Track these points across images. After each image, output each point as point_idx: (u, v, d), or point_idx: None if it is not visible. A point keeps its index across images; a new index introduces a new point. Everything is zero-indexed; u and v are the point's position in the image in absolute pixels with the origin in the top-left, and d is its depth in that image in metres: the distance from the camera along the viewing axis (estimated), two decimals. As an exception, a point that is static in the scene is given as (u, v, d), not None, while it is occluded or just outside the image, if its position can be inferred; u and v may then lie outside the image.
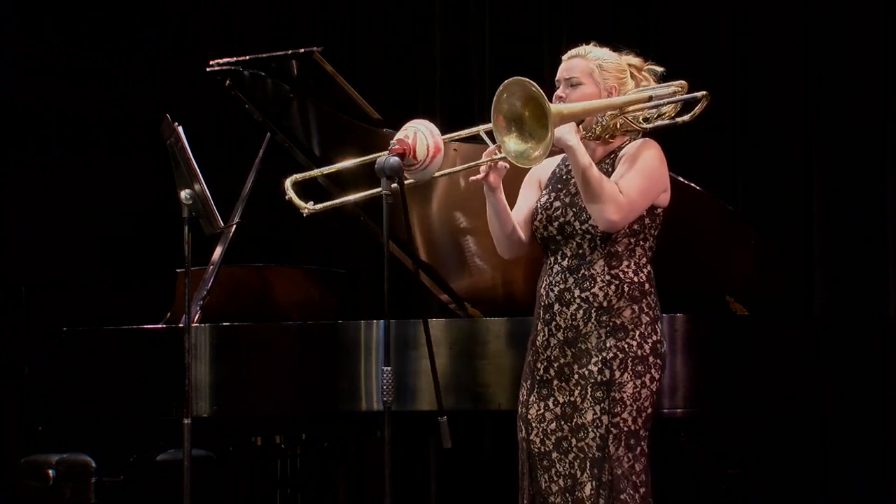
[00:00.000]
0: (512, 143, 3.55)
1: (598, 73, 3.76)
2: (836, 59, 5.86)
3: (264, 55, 5.20)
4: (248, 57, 5.19)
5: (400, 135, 3.55)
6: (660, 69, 3.84)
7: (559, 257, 3.75)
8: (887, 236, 5.73)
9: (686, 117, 3.76)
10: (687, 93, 3.76)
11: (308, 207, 3.80)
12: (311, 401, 4.85)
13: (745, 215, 5.70)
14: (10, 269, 6.73)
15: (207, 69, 5.21)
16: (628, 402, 3.65)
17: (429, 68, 6.87)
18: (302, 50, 5.08)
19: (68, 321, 5.28)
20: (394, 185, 3.55)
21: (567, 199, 3.74)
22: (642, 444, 3.68)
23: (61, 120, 6.92)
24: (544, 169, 3.88)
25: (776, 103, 5.99)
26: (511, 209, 3.82)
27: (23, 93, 6.84)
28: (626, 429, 3.64)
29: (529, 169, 3.84)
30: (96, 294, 6.73)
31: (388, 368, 3.45)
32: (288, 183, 3.79)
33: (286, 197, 3.77)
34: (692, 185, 4.80)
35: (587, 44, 3.82)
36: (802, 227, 5.91)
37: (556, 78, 3.80)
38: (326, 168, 3.88)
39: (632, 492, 3.65)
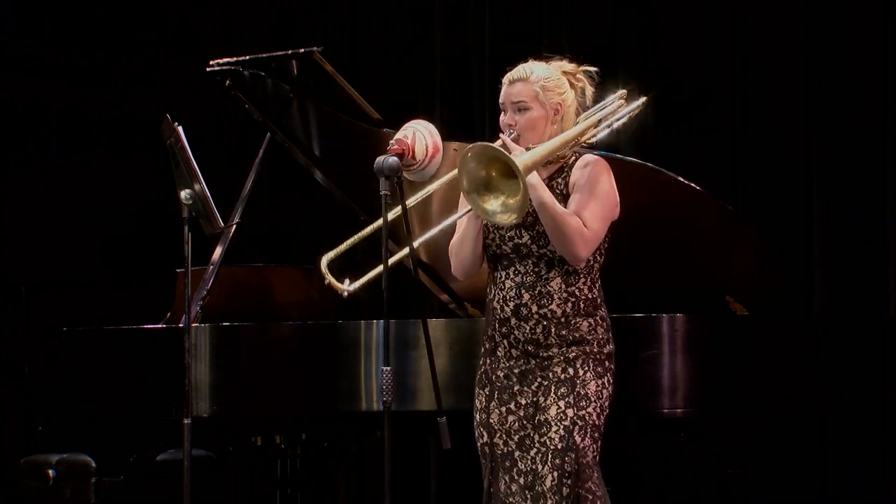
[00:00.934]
0: (489, 203, 3.54)
1: (542, 95, 3.76)
2: (836, 59, 5.86)
3: (264, 55, 5.20)
4: (248, 57, 5.20)
5: (399, 135, 3.55)
6: (593, 69, 3.85)
7: (511, 273, 3.77)
8: (887, 236, 5.73)
9: (624, 119, 3.87)
10: (626, 99, 3.85)
11: (347, 289, 3.79)
12: (311, 401, 4.85)
13: (745, 215, 5.70)
14: (10, 269, 6.73)
15: (207, 69, 5.21)
16: (593, 399, 3.71)
17: (429, 68, 6.87)
18: (302, 50, 5.08)
19: (68, 321, 5.28)
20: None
21: (521, 222, 3.73)
22: (600, 441, 3.73)
23: (61, 120, 6.92)
24: None
25: (776, 103, 5.99)
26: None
27: (23, 93, 6.84)
28: (591, 422, 3.69)
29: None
30: (96, 294, 6.73)
31: (388, 368, 3.46)
32: (324, 264, 3.78)
33: (325, 282, 3.75)
34: (692, 185, 4.80)
35: (524, 62, 3.81)
36: (802, 227, 5.91)
37: (500, 101, 3.80)
38: (351, 239, 3.82)
39: (597, 482, 3.69)
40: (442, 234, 3.93)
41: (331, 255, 3.80)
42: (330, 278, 3.77)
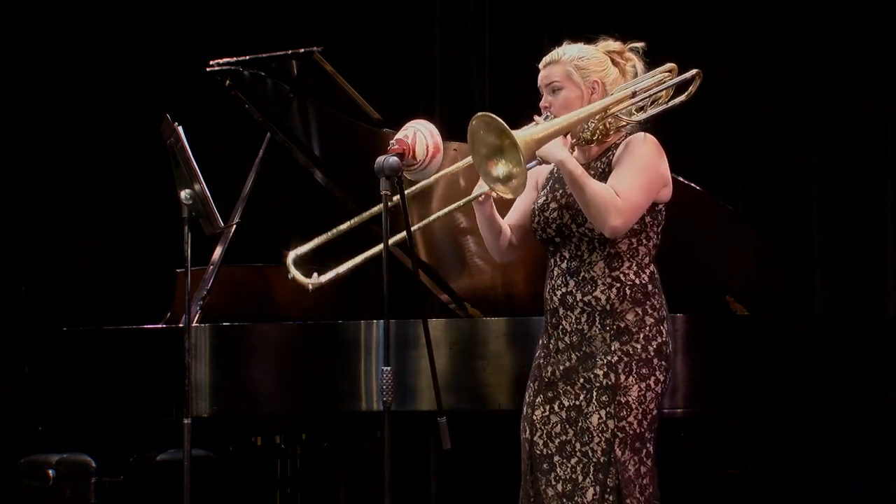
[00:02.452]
0: (497, 171, 3.51)
1: (576, 74, 3.69)
2: (836, 59, 5.86)
3: (264, 55, 5.20)
4: (248, 57, 5.19)
5: (399, 135, 3.53)
6: (640, 44, 3.76)
7: (559, 259, 3.72)
8: (887, 236, 5.73)
9: (682, 97, 3.68)
10: (678, 74, 3.69)
11: (312, 282, 3.73)
12: (311, 401, 4.85)
13: (745, 215, 5.70)
14: (10, 269, 6.73)
15: (207, 69, 5.21)
16: (634, 406, 3.61)
17: (429, 68, 6.87)
18: (302, 50, 5.08)
19: (68, 321, 5.28)
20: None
21: (563, 201, 3.69)
22: (647, 446, 3.65)
23: (61, 120, 6.92)
24: (541, 169, 3.84)
25: (776, 103, 5.99)
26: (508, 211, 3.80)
27: (23, 93, 6.84)
28: (631, 432, 3.60)
29: None
30: (96, 294, 6.72)
31: (388, 368, 3.45)
32: (290, 260, 3.70)
33: (289, 276, 3.68)
34: (692, 185, 4.80)
35: (559, 46, 3.75)
36: (802, 227, 5.91)
37: (538, 85, 3.75)
38: (323, 236, 3.78)
39: (638, 496, 3.61)
40: (442, 234, 3.94)
41: (299, 250, 3.73)
42: (294, 272, 3.69)
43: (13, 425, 6.50)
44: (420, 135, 3.54)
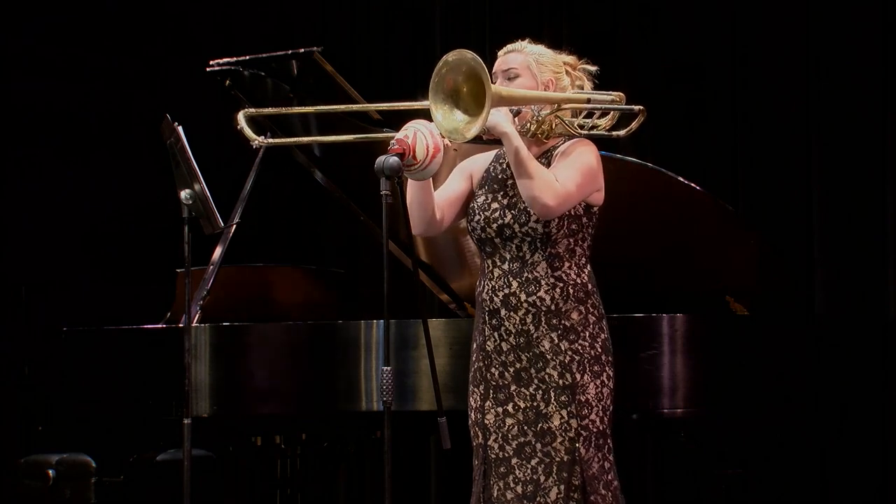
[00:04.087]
0: (447, 116, 3.52)
1: (535, 67, 3.75)
2: (836, 59, 5.86)
3: (264, 55, 5.20)
4: (248, 57, 5.19)
5: (399, 135, 3.53)
6: (593, 68, 3.82)
7: (498, 260, 3.74)
8: (887, 236, 5.73)
9: (622, 132, 3.69)
10: (625, 105, 3.70)
11: (260, 140, 3.84)
12: (311, 401, 4.85)
13: (745, 215, 5.71)
14: (10, 269, 6.73)
15: (207, 69, 5.21)
16: (594, 403, 3.66)
17: (429, 68, 6.86)
18: (302, 50, 5.08)
19: (68, 321, 5.28)
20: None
21: (505, 201, 3.72)
22: (609, 442, 3.70)
23: (61, 120, 6.92)
24: (477, 164, 3.87)
25: (776, 103, 5.99)
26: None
27: (23, 93, 6.84)
28: (594, 430, 3.65)
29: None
30: (96, 294, 6.73)
31: (388, 368, 3.44)
32: (241, 115, 3.83)
33: (238, 127, 3.80)
34: (692, 185, 4.80)
35: (522, 40, 3.81)
36: (802, 227, 5.91)
37: (493, 71, 3.78)
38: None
39: (603, 492, 3.65)
40: (442, 234, 3.94)
41: (252, 111, 3.91)
42: (243, 124, 3.81)
43: (13, 425, 6.50)
44: (420, 135, 3.53)
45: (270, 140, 3.80)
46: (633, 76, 6.21)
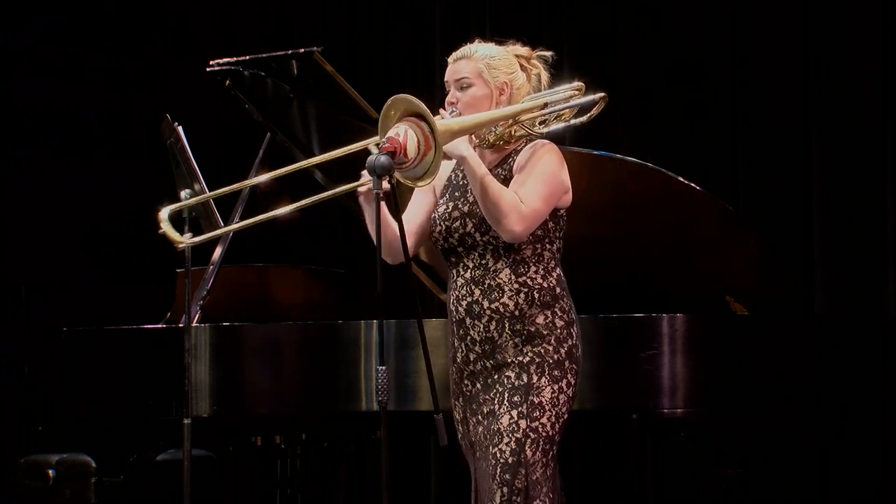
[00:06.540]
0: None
1: (487, 73, 3.65)
2: (836, 59, 5.86)
3: (264, 55, 5.20)
4: (248, 57, 5.20)
5: (391, 133, 3.47)
6: (548, 53, 3.74)
7: (461, 269, 3.66)
8: (887, 236, 5.73)
9: (584, 118, 3.64)
10: (584, 95, 3.64)
11: (184, 241, 3.78)
12: (310, 401, 4.85)
13: (745, 215, 5.71)
14: (10, 269, 6.73)
15: (207, 69, 5.21)
16: (547, 408, 3.55)
17: (429, 68, 6.87)
18: (302, 50, 5.08)
19: (68, 321, 5.28)
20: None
21: (465, 209, 3.65)
22: (555, 449, 3.58)
23: (61, 120, 6.92)
24: (440, 173, 3.68)
25: (776, 103, 5.99)
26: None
27: (23, 93, 6.84)
28: (543, 434, 3.54)
29: None
30: (96, 294, 6.73)
31: (383, 368, 3.41)
32: (164, 214, 3.74)
33: (159, 231, 3.71)
34: (692, 184, 4.80)
35: (471, 42, 3.71)
36: (802, 227, 5.91)
37: (445, 80, 3.71)
38: (206, 195, 3.77)
39: (545, 498, 3.54)
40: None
41: (173, 207, 3.82)
42: (166, 228, 3.72)
43: (13, 425, 6.50)
44: (411, 133, 3.47)
45: (194, 240, 3.77)
46: (633, 76, 6.22)
